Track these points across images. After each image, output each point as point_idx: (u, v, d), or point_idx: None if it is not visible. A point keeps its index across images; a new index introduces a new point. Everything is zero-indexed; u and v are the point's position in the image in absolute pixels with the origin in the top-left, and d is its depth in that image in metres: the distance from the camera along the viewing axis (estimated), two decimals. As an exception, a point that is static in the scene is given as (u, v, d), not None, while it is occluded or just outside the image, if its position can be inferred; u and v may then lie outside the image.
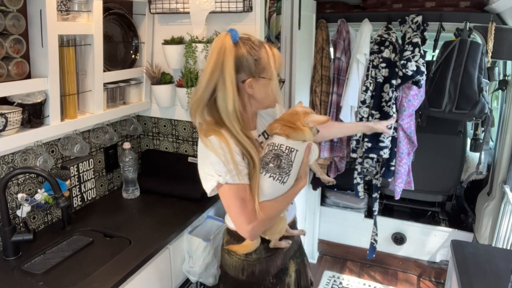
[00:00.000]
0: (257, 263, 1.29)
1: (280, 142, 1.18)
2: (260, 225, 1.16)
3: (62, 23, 1.49)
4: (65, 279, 1.34)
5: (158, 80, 1.97)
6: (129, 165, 1.91)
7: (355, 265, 3.08)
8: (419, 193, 2.91)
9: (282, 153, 1.17)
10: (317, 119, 1.21)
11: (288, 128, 1.18)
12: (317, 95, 2.67)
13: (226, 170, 1.12)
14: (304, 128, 1.19)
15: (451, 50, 2.30)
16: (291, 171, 1.17)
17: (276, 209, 1.19)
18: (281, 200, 1.19)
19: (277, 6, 2.11)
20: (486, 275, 1.54)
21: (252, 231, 1.16)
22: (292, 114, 1.22)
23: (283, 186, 1.17)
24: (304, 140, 1.20)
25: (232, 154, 1.12)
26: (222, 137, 1.13)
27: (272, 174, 1.15)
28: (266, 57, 1.16)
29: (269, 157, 1.17)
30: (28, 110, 1.44)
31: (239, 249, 1.28)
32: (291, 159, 1.17)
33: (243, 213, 1.13)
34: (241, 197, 1.13)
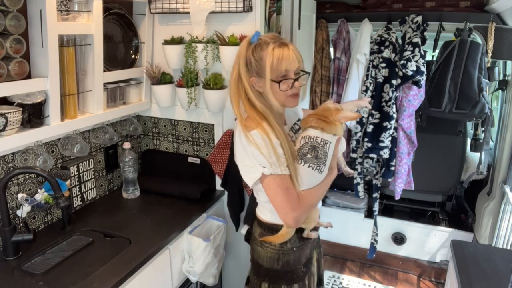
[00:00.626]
0: (291, 252, 1.35)
1: (316, 134, 1.25)
2: (303, 212, 1.25)
3: (62, 23, 1.49)
4: (65, 279, 1.34)
5: (158, 80, 1.98)
6: (129, 165, 1.91)
7: (355, 265, 3.08)
8: (419, 193, 2.91)
9: (318, 145, 1.24)
10: (348, 115, 1.29)
11: (323, 122, 1.26)
12: (317, 95, 2.67)
13: (270, 162, 1.19)
14: (336, 123, 1.27)
15: (451, 50, 2.30)
16: (326, 161, 1.25)
17: (316, 196, 1.28)
18: (319, 188, 1.28)
19: (277, 6, 2.11)
20: (486, 275, 1.53)
21: (298, 218, 1.24)
22: (325, 109, 1.30)
23: (320, 175, 1.26)
24: (335, 134, 1.28)
25: (274, 147, 1.20)
26: (264, 131, 1.20)
27: (310, 164, 1.23)
28: (266, 57, 1.21)
29: (306, 149, 1.24)
30: (28, 110, 1.44)
31: (275, 239, 1.33)
32: (326, 150, 1.25)
33: (289, 201, 1.21)
34: (285, 186, 1.21)
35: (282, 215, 1.25)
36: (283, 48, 1.22)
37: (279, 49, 1.21)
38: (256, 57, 1.23)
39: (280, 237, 1.33)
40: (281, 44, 1.23)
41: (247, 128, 1.22)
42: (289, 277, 1.37)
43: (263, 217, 1.38)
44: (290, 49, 1.23)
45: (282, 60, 1.21)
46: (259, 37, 1.26)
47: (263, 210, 1.38)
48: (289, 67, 1.23)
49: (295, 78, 1.26)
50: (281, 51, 1.21)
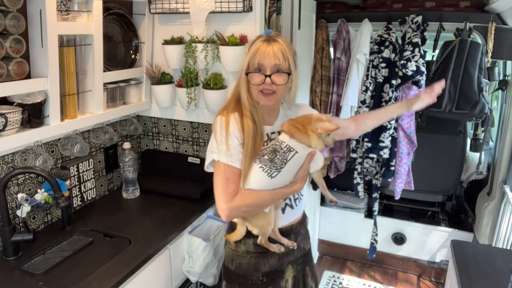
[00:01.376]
0: (245, 256, 1.33)
1: (283, 139, 1.21)
2: (235, 209, 1.21)
3: (62, 23, 1.49)
4: (65, 279, 1.34)
5: (158, 80, 1.97)
6: (129, 165, 1.91)
7: (355, 265, 3.08)
8: (419, 193, 2.91)
9: (280, 150, 1.20)
10: (325, 127, 1.21)
11: (294, 128, 1.21)
12: (317, 95, 2.67)
13: (219, 149, 1.21)
14: (311, 134, 1.21)
15: (451, 50, 2.30)
16: (282, 168, 1.19)
17: (258, 200, 1.21)
18: (266, 194, 1.21)
19: (277, 6, 2.11)
20: (486, 275, 1.53)
21: (226, 211, 1.20)
22: (306, 117, 1.26)
23: (269, 180, 1.19)
24: (309, 145, 1.21)
25: (228, 137, 1.20)
26: (225, 119, 1.22)
27: (263, 165, 1.19)
28: (248, 49, 1.24)
29: (267, 150, 1.21)
30: (28, 110, 1.44)
31: (229, 237, 1.34)
32: (287, 158, 1.19)
33: (224, 192, 1.20)
34: (226, 177, 1.20)
35: (216, 205, 1.23)
36: (265, 43, 1.20)
37: (260, 43, 1.20)
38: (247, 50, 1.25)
39: (233, 236, 1.32)
40: (269, 39, 1.21)
41: (217, 113, 1.27)
42: (242, 282, 1.35)
43: None
44: (273, 45, 1.19)
45: (256, 53, 1.20)
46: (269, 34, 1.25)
47: None
48: (262, 61, 1.19)
49: (267, 74, 1.20)
50: (260, 45, 1.20)
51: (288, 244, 1.36)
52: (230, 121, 1.22)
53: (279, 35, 1.26)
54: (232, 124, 1.22)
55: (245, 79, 1.23)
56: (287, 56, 1.21)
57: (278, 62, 1.20)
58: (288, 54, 1.21)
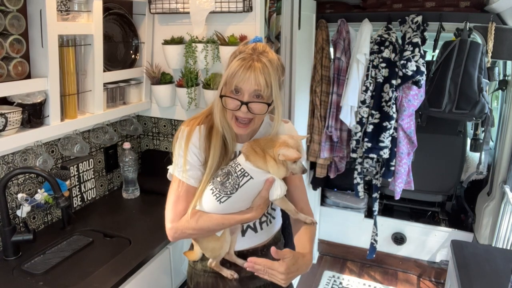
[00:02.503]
0: (202, 274, 1.26)
1: (239, 161, 1.10)
2: (179, 230, 1.12)
3: (62, 23, 1.49)
4: (65, 279, 1.34)
5: (158, 80, 1.97)
6: (129, 165, 1.91)
7: (355, 265, 3.08)
8: (419, 193, 2.91)
9: (234, 173, 1.08)
10: (288, 154, 1.06)
11: (252, 151, 1.09)
12: (317, 95, 2.67)
13: (176, 162, 1.15)
14: (269, 159, 1.08)
15: (451, 50, 2.30)
16: (233, 194, 1.08)
17: (204, 224, 1.11)
18: (216, 219, 1.10)
19: (277, 6, 2.11)
20: (486, 275, 1.53)
21: (171, 231, 1.13)
22: (271, 140, 1.11)
23: (218, 204, 1.09)
24: (268, 171, 1.08)
25: (187, 151, 1.12)
26: (189, 130, 1.13)
27: (214, 187, 1.10)
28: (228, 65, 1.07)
29: (223, 171, 1.11)
30: (28, 110, 1.44)
31: (187, 255, 1.29)
32: (239, 183, 1.07)
33: (172, 210, 1.14)
34: (177, 194, 1.14)
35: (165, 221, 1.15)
36: (247, 63, 1.03)
37: (241, 62, 1.03)
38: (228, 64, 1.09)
39: (192, 255, 1.26)
40: (251, 58, 1.03)
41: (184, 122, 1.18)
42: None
43: None
44: (255, 66, 1.02)
45: (235, 74, 1.03)
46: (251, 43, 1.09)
47: None
48: (240, 85, 1.04)
49: (244, 102, 1.05)
50: (240, 65, 1.03)
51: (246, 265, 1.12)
52: (193, 135, 1.12)
53: (267, 49, 1.09)
54: (194, 139, 1.12)
55: (219, 100, 1.09)
56: (270, 82, 1.04)
57: (259, 88, 1.03)
58: (272, 79, 1.04)
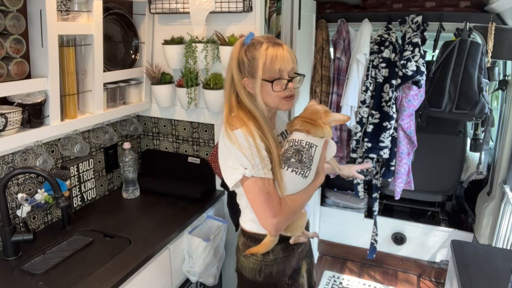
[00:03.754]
0: (274, 263, 1.29)
1: (300, 138, 1.20)
2: (285, 219, 1.19)
3: (62, 23, 1.49)
4: (65, 279, 1.34)
5: (158, 80, 1.98)
6: (129, 165, 1.91)
7: (355, 265, 3.08)
8: (419, 193, 2.91)
9: (303, 148, 1.19)
10: (339, 118, 1.25)
11: (309, 125, 1.21)
12: (317, 95, 2.67)
13: (252, 163, 1.14)
14: (324, 126, 1.22)
15: (451, 50, 2.30)
16: (312, 165, 1.20)
17: (299, 202, 1.22)
18: (303, 194, 1.21)
19: (277, 6, 2.11)
20: (486, 275, 1.53)
21: (278, 225, 1.17)
22: (314, 112, 1.24)
23: (304, 180, 1.20)
24: (322, 136, 1.22)
25: (258, 148, 1.15)
26: (248, 130, 1.16)
27: (294, 168, 1.18)
28: (259, 56, 1.17)
29: (290, 153, 1.19)
30: (28, 110, 1.44)
31: (258, 249, 1.27)
32: (312, 154, 1.19)
33: (269, 206, 1.15)
34: (266, 190, 1.15)
35: (262, 221, 1.19)
36: (277, 48, 1.17)
37: (273, 48, 1.17)
38: (249, 57, 1.18)
39: (263, 247, 1.26)
40: (275, 43, 1.18)
41: (231, 127, 1.18)
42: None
43: (245, 226, 1.33)
44: (284, 49, 1.19)
45: (276, 59, 1.16)
46: (253, 37, 1.22)
47: (245, 218, 1.33)
48: (282, 67, 1.18)
49: (289, 79, 1.20)
50: (275, 50, 1.17)
51: (314, 235, 1.43)
52: (254, 133, 1.17)
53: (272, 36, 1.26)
54: (256, 135, 1.17)
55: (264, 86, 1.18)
56: (295, 58, 1.22)
57: (294, 65, 1.21)
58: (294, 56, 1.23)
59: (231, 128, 1.17)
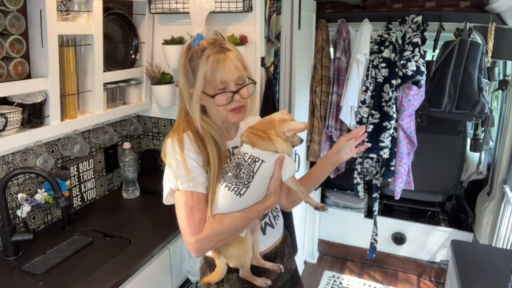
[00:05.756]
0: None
1: (245, 150, 1.08)
2: (206, 239, 1.02)
3: (62, 23, 1.49)
4: (65, 279, 1.34)
5: (158, 80, 1.97)
6: (129, 165, 1.91)
7: (355, 265, 3.08)
8: (419, 193, 2.91)
9: (244, 162, 1.06)
10: (294, 127, 1.08)
11: (255, 136, 1.08)
12: (317, 95, 2.67)
13: (176, 175, 1.05)
14: (275, 138, 1.07)
15: (451, 50, 2.30)
16: (251, 182, 1.04)
17: (230, 224, 1.04)
18: (239, 215, 1.04)
19: (277, 6, 2.11)
20: (486, 275, 1.53)
21: (196, 245, 1.02)
22: (266, 121, 1.11)
23: (239, 198, 1.04)
24: (276, 151, 1.08)
25: (184, 159, 1.05)
26: (178, 139, 1.07)
27: (228, 184, 1.05)
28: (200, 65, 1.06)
29: (230, 166, 1.07)
30: (28, 110, 1.44)
31: (211, 278, 1.14)
32: (253, 170, 1.05)
33: (189, 223, 1.02)
34: (189, 205, 1.03)
35: (183, 238, 1.05)
36: (219, 55, 1.05)
37: (214, 57, 1.04)
38: (192, 66, 1.07)
39: (214, 274, 1.12)
40: (219, 50, 1.06)
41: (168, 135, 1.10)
42: None
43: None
44: (228, 56, 1.05)
45: (216, 70, 1.03)
46: (200, 40, 1.09)
47: None
48: (225, 78, 1.05)
49: (235, 91, 1.07)
50: (216, 59, 1.04)
51: (274, 268, 1.18)
52: (185, 142, 1.06)
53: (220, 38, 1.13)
54: (187, 145, 1.06)
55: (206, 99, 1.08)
56: (245, 63, 1.10)
57: (241, 73, 1.08)
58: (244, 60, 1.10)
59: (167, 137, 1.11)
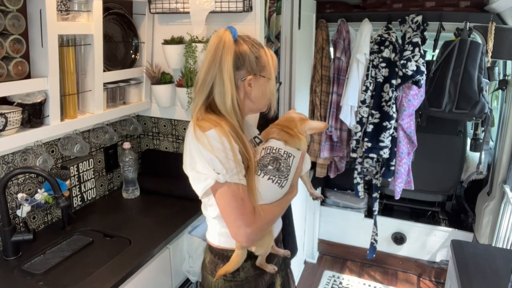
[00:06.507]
0: (245, 282, 1.19)
1: (278, 146, 1.15)
2: (258, 229, 1.08)
3: (62, 23, 1.49)
4: (65, 279, 1.34)
5: (158, 80, 1.97)
6: (129, 165, 1.91)
7: (355, 265, 3.08)
8: (419, 193, 2.91)
9: (281, 157, 1.13)
10: (315, 126, 1.20)
11: (286, 134, 1.16)
12: (317, 95, 2.67)
13: (226, 168, 1.04)
14: (301, 136, 1.17)
15: (451, 50, 2.30)
16: (289, 175, 1.13)
17: (273, 214, 1.13)
18: (277, 205, 1.13)
19: (277, 6, 2.11)
20: (486, 275, 1.54)
21: (251, 235, 1.06)
22: (289, 120, 1.19)
23: (280, 190, 1.13)
24: (299, 148, 1.17)
25: (234, 151, 1.05)
26: (223, 131, 1.06)
27: (271, 176, 1.11)
28: (265, 56, 1.15)
29: (267, 160, 1.12)
30: (28, 110, 1.44)
31: (228, 268, 1.16)
32: (289, 164, 1.13)
33: (243, 214, 1.05)
34: (240, 197, 1.05)
35: (234, 230, 1.07)
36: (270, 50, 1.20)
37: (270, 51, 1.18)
38: (256, 54, 1.12)
39: (232, 263, 1.15)
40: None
41: (201, 128, 1.07)
42: None
43: (213, 241, 1.22)
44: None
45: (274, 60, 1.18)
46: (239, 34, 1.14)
47: (212, 231, 1.23)
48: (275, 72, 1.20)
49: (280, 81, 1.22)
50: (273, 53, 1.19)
51: (285, 254, 1.31)
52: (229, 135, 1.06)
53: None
54: (230, 138, 1.06)
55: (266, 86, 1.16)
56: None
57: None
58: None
59: (202, 130, 1.07)
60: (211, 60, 1.09)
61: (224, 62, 1.08)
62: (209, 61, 1.09)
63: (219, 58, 1.08)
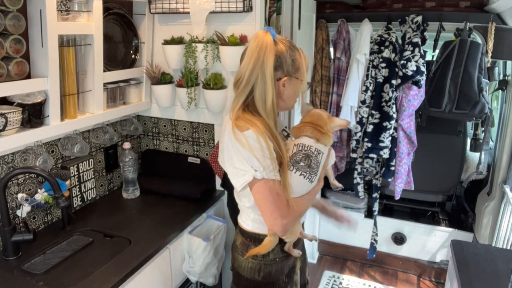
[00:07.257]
0: (273, 263, 1.30)
1: (310, 143, 1.23)
2: (292, 220, 1.19)
3: (62, 23, 1.49)
4: (65, 279, 1.34)
5: (158, 80, 1.98)
6: (129, 165, 1.91)
7: (355, 265, 3.08)
8: (419, 193, 2.91)
9: (312, 154, 1.21)
10: (340, 123, 1.31)
11: (318, 133, 1.24)
12: (317, 95, 2.67)
13: (264, 165, 1.12)
14: (330, 134, 1.26)
15: (451, 50, 2.30)
16: (318, 171, 1.23)
17: (304, 206, 1.23)
18: (307, 198, 1.23)
19: (277, 6, 2.11)
20: (486, 275, 1.54)
21: (286, 226, 1.17)
22: (319, 118, 1.27)
23: (310, 184, 1.22)
24: (326, 144, 1.26)
25: (270, 149, 1.14)
26: (259, 131, 1.14)
27: (302, 172, 1.19)
28: (300, 58, 1.21)
29: (299, 156, 1.21)
30: (28, 110, 1.44)
31: (260, 250, 1.27)
32: (319, 161, 1.22)
33: (278, 207, 1.14)
34: (276, 191, 1.14)
35: (270, 222, 1.17)
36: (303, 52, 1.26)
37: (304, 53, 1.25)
38: (293, 57, 1.19)
39: (264, 247, 1.27)
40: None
41: (239, 128, 1.14)
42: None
43: (245, 226, 1.32)
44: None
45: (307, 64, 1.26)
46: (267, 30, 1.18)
47: (246, 218, 1.32)
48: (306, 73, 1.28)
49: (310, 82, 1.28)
50: (303, 56, 1.24)
51: (313, 238, 1.51)
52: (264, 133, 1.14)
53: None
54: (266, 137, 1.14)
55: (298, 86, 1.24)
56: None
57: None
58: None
59: (240, 130, 1.14)
60: (255, 60, 1.14)
61: (267, 62, 1.13)
62: (254, 62, 1.14)
63: (262, 58, 1.13)
